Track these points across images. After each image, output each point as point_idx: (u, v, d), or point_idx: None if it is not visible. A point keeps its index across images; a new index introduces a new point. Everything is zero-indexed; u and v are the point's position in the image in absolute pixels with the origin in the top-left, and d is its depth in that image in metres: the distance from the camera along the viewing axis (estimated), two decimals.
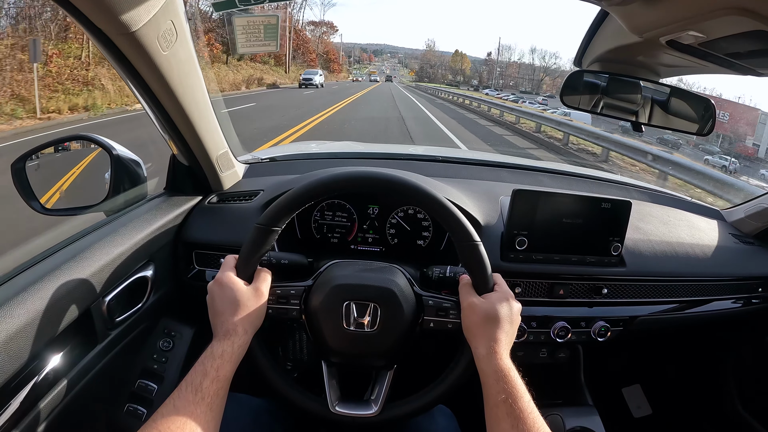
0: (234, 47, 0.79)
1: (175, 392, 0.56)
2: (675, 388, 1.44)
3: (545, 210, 0.93)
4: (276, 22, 0.78)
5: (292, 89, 24.38)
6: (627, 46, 0.75)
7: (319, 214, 1.04)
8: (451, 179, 1.13)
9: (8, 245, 2.77)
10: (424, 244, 1.04)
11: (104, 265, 0.74)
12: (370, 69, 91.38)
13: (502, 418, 0.56)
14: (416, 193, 0.70)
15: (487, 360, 0.62)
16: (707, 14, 0.56)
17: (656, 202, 1.26)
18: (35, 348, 0.61)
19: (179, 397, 0.55)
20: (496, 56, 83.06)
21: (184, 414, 0.53)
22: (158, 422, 0.52)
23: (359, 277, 0.73)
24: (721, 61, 0.72)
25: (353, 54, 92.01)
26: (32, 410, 0.63)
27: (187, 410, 0.53)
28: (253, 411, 0.83)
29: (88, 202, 0.92)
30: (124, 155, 0.94)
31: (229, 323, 0.63)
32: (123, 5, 0.57)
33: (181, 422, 0.52)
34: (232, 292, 0.65)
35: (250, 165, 1.20)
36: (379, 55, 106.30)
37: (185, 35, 0.70)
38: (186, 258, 0.97)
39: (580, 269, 0.96)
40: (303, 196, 0.70)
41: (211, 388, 0.56)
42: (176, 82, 0.74)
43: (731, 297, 1.11)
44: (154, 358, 0.91)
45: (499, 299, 0.67)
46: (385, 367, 0.73)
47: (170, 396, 0.55)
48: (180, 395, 0.55)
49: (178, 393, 0.55)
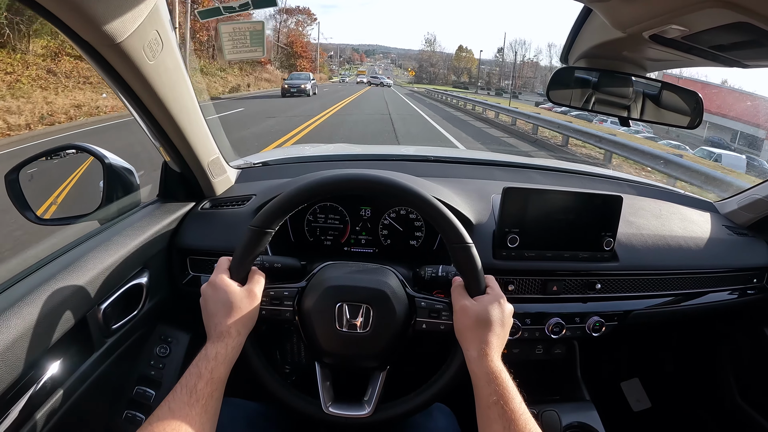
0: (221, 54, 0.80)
1: (170, 395, 0.56)
2: (673, 380, 1.44)
3: (536, 207, 0.93)
4: (262, 28, 0.78)
5: (254, 98, 18.66)
6: (611, 42, 0.75)
7: (312, 217, 1.05)
8: (442, 179, 1.13)
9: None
10: (417, 244, 1.05)
11: (99, 273, 0.75)
12: (359, 69, 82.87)
13: (494, 420, 0.57)
14: (407, 194, 0.70)
15: (479, 362, 0.62)
16: (688, 7, 0.56)
17: (648, 196, 1.26)
18: (32, 357, 0.61)
19: (174, 399, 0.55)
20: (511, 54, 72.73)
21: (179, 416, 0.53)
22: (153, 425, 0.52)
23: (352, 279, 0.73)
24: (706, 54, 0.72)
25: (338, 53, 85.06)
26: (30, 420, 0.63)
27: (182, 412, 0.54)
28: (249, 415, 0.83)
29: (82, 211, 0.93)
30: (116, 164, 0.95)
31: (223, 325, 0.63)
32: (107, 17, 0.57)
33: (176, 424, 0.52)
34: (225, 294, 0.65)
35: (242, 170, 1.20)
36: (371, 55, 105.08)
37: (171, 44, 0.71)
38: (180, 264, 0.98)
39: (573, 265, 0.97)
40: (295, 199, 0.70)
41: (206, 390, 0.57)
42: (164, 91, 0.74)
43: (726, 288, 1.11)
44: (151, 364, 0.91)
45: (491, 302, 0.67)
46: (378, 368, 0.73)
47: (165, 398, 0.55)
48: (175, 397, 0.55)
49: (173, 395, 0.56)
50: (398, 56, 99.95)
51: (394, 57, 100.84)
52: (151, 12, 0.63)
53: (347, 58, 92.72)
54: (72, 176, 1.02)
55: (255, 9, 0.73)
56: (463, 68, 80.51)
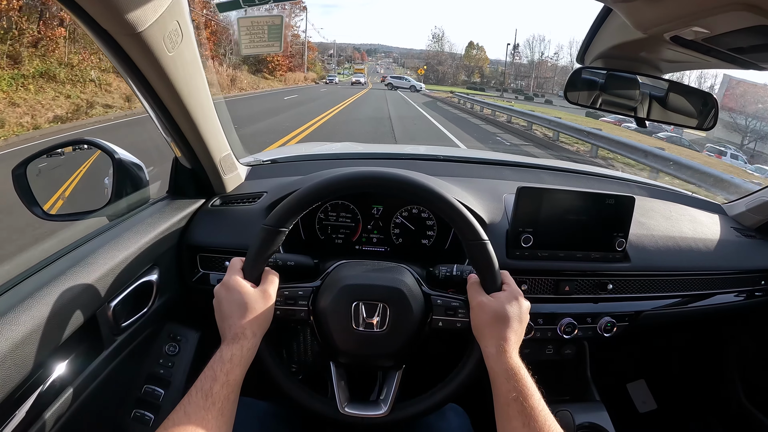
0: (239, 48, 0.79)
1: (186, 398, 0.55)
2: (679, 382, 1.45)
3: (550, 207, 0.93)
4: (280, 22, 0.77)
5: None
6: (630, 43, 0.75)
7: (324, 215, 1.04)
8: (454, 178, 1.13)
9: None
10: (429, 243, 1.04)
11: (109, 270, 0.74)
12: (357, 67, 71.92)
13: (513, 417, 0.56)
14: (424, 192, 0.70)
15: (497, 359, 0.62)
16: (711, 10, 0.57)
17: (658, 198, 1.27)
18: (41, 355, 0.60)
19: (190, 403, 0.54)
20: (527, 51, 60.32)
21: (195, 420, 0.53)
22: (169, 429, 0.51)
23: (368, 277, 0.73)
24: (724, 56, 0.72)
25: (336, 51, 77.62)
26: (39, 418, 0.62)
27: (198, 416, 0.53)
28: (260, 414, 0.82)
29: (91, 207, 0.92)
30: (126, 159, 0.93)
31: (238, 326, 0.62)
32: (130, 5, 0.56)
33: (192, 429, 0.52)
34: (239, 294, 0.64)
35: (252, 167, 1.20)
36: (373, 54, 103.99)
37: (190, 36, 0.70)
38: (190, 261, 0.97)
39: (585, 265, 0.97)
40: (310, 197, 0.69)
41: (222, 393, 0.56)
42: (181, 84, 0.74)
43: (734, 290, 1.12)
44: (160, 362, 0.90)
45: (508, 298, 0.67)
46: (394, 367, 0.73)
47: (180, 402, 0.55)
48: (190, 401, 0.54)
49: (188, 399, 0.55)
50: (400, 55, 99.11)
51: (397, 56, 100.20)
52: (173, 2, 0.62)
53: (348, 56, 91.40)
54: (78, 171, 1.01)
55: (274, 2, 0.72)
56: (474, 67, 72.13)
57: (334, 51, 77.40)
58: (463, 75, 71.19)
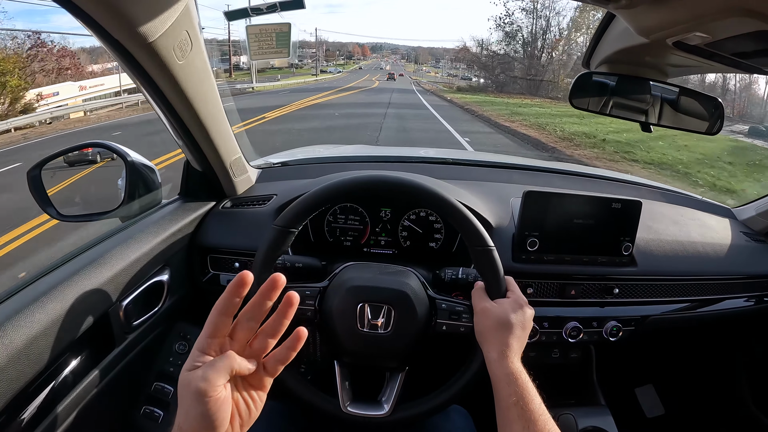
0: (247, 55, 0.81)
1: None
2: (688, 387, 1.43)
3: (556, 211, 0.93)
4: (288, 29, 0.79)
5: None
6: (634, 48, 0.76)
7: (332, 218, 1.06)
8: (461, 181, 1.13)
9: None
10: (436, 246, 1.05)
11: (121, 270, 0.76)
12: (355, 65, 62.87)
13: (513, 421, 0.57)
14: (431, 196, 0.71)
15: (499, 364, 0.63)
16: (713, 16, 0.57)
17: (666, 201, 1.26)
18: (54, 351, 0.62)
19: None
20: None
21: None
22: None
23: (374, 280, 0.74)
24: (728, 60, 0.72)
25: (336, 48, 74.87)
26: (51, 412, 0.64)
27: None
28: (266, 413, 0.83)
29: (104, 209, 0.94)
30: (138, 162, 0.96)
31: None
32: (140, 17, 0.58)
33: None
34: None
35: (262, 170, 1.22)
36: (378, 51, 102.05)
37: (200, 44, 0.72)
38: (201, 262, 0.99)
39: (592, 269, 0.96)
40: (320, 199, 0.71)
41: None
42: (192, 91, 0.76)
43: (743, 295, 1.11)
44: (170, 361, 0.92)
45: (512, 305, 0.68)
46: (398, 369, 0.74)
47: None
48: None
49: None
50: (407, 52, 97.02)
51: (404, 52, 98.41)
52: (182, 13, 0.64)
53: (348, 53, 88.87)
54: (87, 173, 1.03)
55: (282, 11, 0.73)
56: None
57: (335, 49, 73.96)
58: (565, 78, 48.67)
